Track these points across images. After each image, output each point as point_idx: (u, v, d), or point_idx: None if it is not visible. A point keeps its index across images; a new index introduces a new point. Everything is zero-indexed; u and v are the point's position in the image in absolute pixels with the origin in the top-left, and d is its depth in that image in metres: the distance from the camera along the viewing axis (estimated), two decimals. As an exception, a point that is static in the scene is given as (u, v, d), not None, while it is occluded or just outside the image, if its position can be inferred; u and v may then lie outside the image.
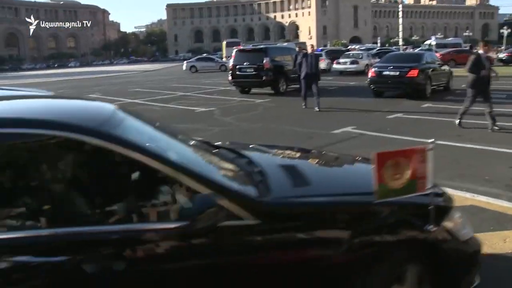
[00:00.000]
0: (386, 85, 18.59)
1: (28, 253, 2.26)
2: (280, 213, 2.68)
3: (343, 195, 3.08)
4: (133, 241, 2.41)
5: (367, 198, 2.87)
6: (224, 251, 2.53)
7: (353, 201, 3.03)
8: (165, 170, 2.51)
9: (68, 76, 49.56)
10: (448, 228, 3.13)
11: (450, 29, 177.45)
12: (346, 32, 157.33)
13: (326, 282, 2.69)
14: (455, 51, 43.61)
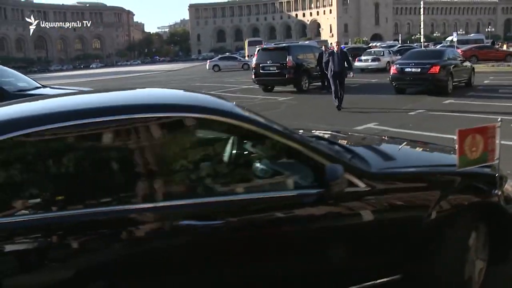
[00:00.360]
0: (408, 82, 18.83)
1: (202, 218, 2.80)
2: (384, 181, 3.26)
3: (427, 166, 3.87)
4: (286, 205, 2.99)
5: (447, 169, 3.66)
6: (347, 212, 3.15)
7: (437, 171, 3.75)
8: (294, 146, 3.06)
9: (93, 77, 50.44)
10: (506, 194, 3.77)
11: (472, 25, 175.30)
12: (367, 29, 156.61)
13: (423, 233, 3.30)
14: (477, 47, 43.34)
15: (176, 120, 2.95)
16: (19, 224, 2.49)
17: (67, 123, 2.65)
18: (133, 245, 2.66)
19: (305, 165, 3.10)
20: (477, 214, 3.60)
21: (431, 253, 3.33)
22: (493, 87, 19.73)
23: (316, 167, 3.01)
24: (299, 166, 3.11)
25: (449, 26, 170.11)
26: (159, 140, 2.84)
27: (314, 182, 3.03)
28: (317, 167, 3.01)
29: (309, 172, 3.08)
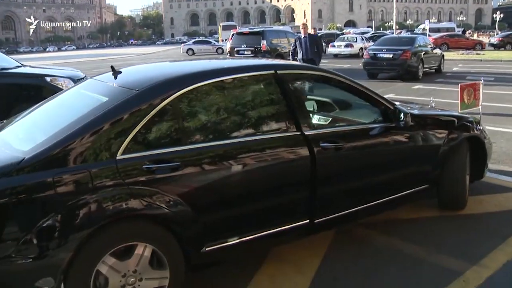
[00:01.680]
0: (380, 67, 19.29)
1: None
2: (420, 119, 4.74)
3: (439, 114, 5.41)
4: (379, 134, 4.44)
5: (448, 113, 5.50)
6: (406, 138, 4.58)
7: (446, 114, 5.42)
8: (371, 95, 4.52)
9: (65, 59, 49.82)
10: (482, 129, 5.43)
11: (444, 14, 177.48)
12: (341, 16, 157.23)
13: (441, 154, 4.81)
14: (448, 35, 44.23)
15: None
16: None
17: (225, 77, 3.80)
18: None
19: (379, 108, 4.50)
20: (467, 143, 5.05)
21: (447, 169, 4.84)
22: (461, 74, 20.29)
23: (386, 110, 4.46)
24: (375, 109, 4.54)
25: (422, 14, 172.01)
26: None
27: (384, 119, 4.47)
28: (386, 110, 4.46)
29: (381, 113, 4.49)
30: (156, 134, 3.32)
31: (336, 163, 4.05)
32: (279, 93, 3.94)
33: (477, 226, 4.83)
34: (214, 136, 3.56)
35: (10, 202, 2.78)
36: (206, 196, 3.43)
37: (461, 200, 5.10)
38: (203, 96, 3.65)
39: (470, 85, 6.49)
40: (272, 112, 3.94)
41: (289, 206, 3.88)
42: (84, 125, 3.08)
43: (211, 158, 3.43)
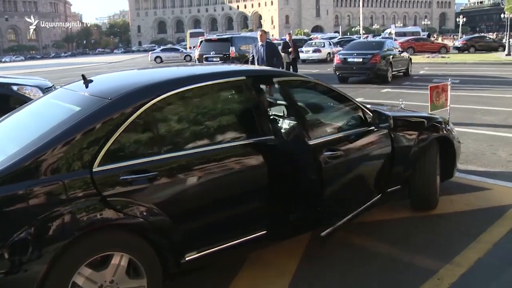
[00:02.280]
0: (350, 71, 19.68)
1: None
2: (396, 121, 4.78)
3: (410, 116, 5.57)
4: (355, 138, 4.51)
5: (418, 114, 5.69)
6: (387, 139, 4.73)
7: (416, 115, 5.60)
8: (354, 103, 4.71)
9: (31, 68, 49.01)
10: (451, 130, 5.61)
11: (409, 18, 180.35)
12: (308, 21, 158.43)
13: (410, 157, 4.92)
14: (413, 39, 44.99)
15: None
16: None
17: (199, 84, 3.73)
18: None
19: (356, 112, 4.68)
20: (437, 143, 5.17)
21: (418, 169, 4.96)
22: (428, 77, 20.69)
23: (363, 113, 4.65)
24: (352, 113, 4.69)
25: (387, 18, 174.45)
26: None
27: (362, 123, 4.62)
28: (363, 113, 4.65)
29: (359, 117, 4.66)
30: (132, 143, 3.29)
31: (332, 169, 4.12)
32: (250, 99, 3.98)
33: (448, 226, 4.93)
34: (191, 144, 3.55)
35: None
36: (184, 204, 3.42)
37: (432, 200, 5.20)
38: (178, 103, 3.65)
39: (439, 86, 6.62)
40: (246, 118, 3.93)
41: (273, 210, 3.91)
42: (57, 135, 3.03)
43: (187, 167, 3.43)
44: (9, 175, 2.81)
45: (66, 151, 2.99)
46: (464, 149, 7.03)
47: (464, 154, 6.82)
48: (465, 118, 10.61)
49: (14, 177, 2.82)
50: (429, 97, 6.52)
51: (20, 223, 2.79)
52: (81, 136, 3.06)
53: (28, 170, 2.87)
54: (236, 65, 10.33)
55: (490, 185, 6.08)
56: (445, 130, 5.44)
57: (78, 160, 3.01)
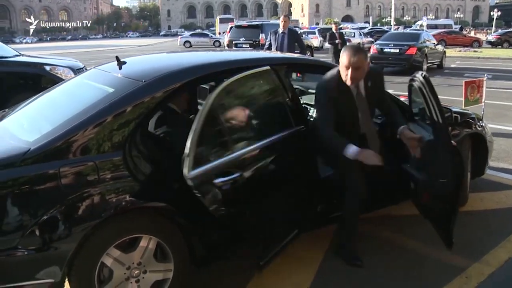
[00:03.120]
0: (386, 62, 19.68)
1: None
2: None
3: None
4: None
5: (453, 110, 5.01)
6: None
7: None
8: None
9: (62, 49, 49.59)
10: (484, 126, 5.46)
11: (441, 10, 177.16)
12: (338, 11, 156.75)
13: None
14: (445, 32, 44.22)
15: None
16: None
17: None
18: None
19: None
20: (469, 140, 5.01)
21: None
22: (460, 71, 20.35)
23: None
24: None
25: (419, 10, 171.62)
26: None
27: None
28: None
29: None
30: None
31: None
32: (280, 86, 3.83)
33: (478, 223, 4.84)
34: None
35: (15, 193, 2.76)
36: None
37: (462, 196, 5.10)
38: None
39: (474, 82, 6.47)
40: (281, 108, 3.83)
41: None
42: (90, 116, 3.05)
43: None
44: (41, 154, 2.84)
45: (98, 132, 3.00)
46: (496, 146, 6.87)
47: (496, 152, 6.67)
48: (498, 114, 10.39)
49: (46, 156, 2.85)
50: (463, 92, 6.38)
51: (51, 201, 2.82)
52: (113, 118, 3.07)
53: (60, 150, 2.89)
54: (266, 51, 10.02)
55: (522, 184, 5.94)
56: (478, 126, 5.30)
57: (109, 141, 3.03)
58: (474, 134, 5.15)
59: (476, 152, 5.23)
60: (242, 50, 20.50)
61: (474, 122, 5.24)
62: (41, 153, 2.84)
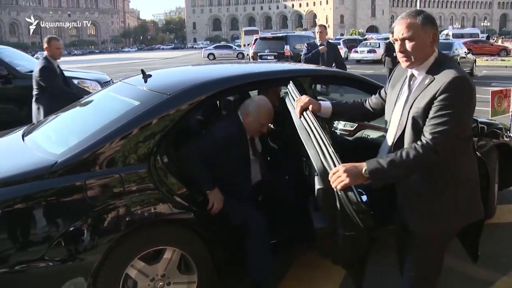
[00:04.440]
0: None
1: None
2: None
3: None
4: None
5: (479, 120, 4.88)
6: None
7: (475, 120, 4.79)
8: None
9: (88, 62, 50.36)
10: (511, 137, 5.33)
11: (468, 19, 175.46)
12: (363, 21, 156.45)
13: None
14: (472, 41, 43.62)
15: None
16: None
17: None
18: None
19: None
20: (496, 150, 4.91)
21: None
22: (486, 80, 20.08)
23: None
24: None
25: (445, 19, 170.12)
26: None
27: None
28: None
29: None
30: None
31: None
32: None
33: (506, 236, 4.75)
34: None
35: (42, 204, 2.82)
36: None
37: (490, 208, 5.01)
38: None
39: (501, 91, 6.33)
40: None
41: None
42: (115, 129, 3.11)
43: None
44: (68, 167, 2.89)
45: (123, 145, 3.05)
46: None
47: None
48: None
49: (73, 168, 2.90)
50: (490, 102, 6.25)
51: (77, 213, 2.87)
52: (139, 131, 3.12)
53: (86, 162, 2.95)
54: (290, 63, 10.01)
55: (552, 196, 5.82)
56: (506, 137, 5.22)
57: (135, 153, 3.07)
58: (501, 145, 5.07)
59: (503, 162, 5.14)
60: (267, 62, 20.61)
61: (501, 133, 5.15)
62: (68, 165, 2.90)
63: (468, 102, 2.37)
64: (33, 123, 4.32)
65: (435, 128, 2.30)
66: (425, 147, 2.29)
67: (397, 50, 2.49)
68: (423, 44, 2.43)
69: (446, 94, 2.31)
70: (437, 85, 2.34)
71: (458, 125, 2.31)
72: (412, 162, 2.29)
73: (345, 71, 5.23)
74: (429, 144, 2.28)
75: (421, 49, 2.44)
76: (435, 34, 2.46)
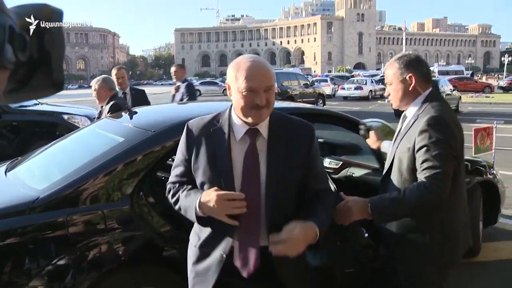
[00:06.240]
0: None
1: None
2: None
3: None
4: None
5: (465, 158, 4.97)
6: None
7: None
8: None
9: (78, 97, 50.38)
10: (495, 174, 5.38)
11: (453, 57, 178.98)
12: (350, 58, 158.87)
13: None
14: (457, 78, 44.39)
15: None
16: None
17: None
18: None
19: None
20: (480, 188, 4.95)
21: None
22: (471, 116, 20.31)
23: None
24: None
25: (430, 57, 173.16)
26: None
27: None
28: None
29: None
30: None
31: None
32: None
33: (491, 274, 4.75)
34: None
35: (23, 240, 2.78)
36: None
37: (474, 246, 5.01)
38: None
39: (483, 129, 6.47)
40: None
41: None
42: (99, 165, 3.08)
43: None
44: (50, 203, 2.86)
45: (107, 181, 3.02)
46: (510, 194, 6.80)
47: (509, 199, 6.60)
48: (511, 161, 10.31)
49: (55, 204, 2.87)
50: (473, 140, 6.35)
51: (58, 250, 2.82)
52: (123, 167, 3.10)
53: (69, 198, 2.91)
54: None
55: (537, 233, 5.84)
56: (489, 174, 5.27)
57: (118, 190, 3.05)
58: (485, 182, 5.11)
59: (487, 200, 5.17)
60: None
61: (484, 170, 5.20)
62: (50, 201, 2.86)
63: (446, 139, 2.43)
64: (17, 158, 4.29)
65: (429, 171, 2.38)
66: (424, 189, 2.36)
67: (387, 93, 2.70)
68: (402, 88, 2.57)
69: (424, 134, 2.40)
70: (418, 126, 2.45)
71: (447, 162, 2.40)
72: (412, 204, 2.39)
73: (322, 107, 5.31)
74: (429, 187, 2.36)
75: (400, 92, 2.59)
76: (412, 77, 2.57)
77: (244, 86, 2.08)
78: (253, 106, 2.10)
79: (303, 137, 2.26)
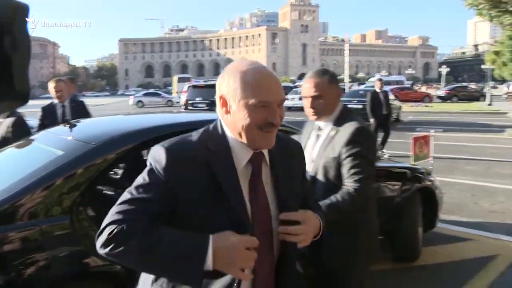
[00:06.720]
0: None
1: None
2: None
3: (395, 166, 5.49)
4: None
5: (403, 165, 5.62)
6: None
7: (398, 166, 5.48)
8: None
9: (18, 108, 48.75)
10: (433, 180, 5.59)
11: (394, 67, 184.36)
12: (295, 69, 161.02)
13: (393, 208, 4.92)
14: (398, 88, 45.64)
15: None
16: None
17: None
18: None
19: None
20: (419, 194, 5.17)
21: (400, 220, 4.94)
22: (412, 125, 20.94)
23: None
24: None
25: (372, 67, 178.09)
26: None
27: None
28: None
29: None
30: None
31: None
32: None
33: (431, 277, 4.90)
34: None
35: None
36: None
37: (415, 251, 5.17)
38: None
39: (422, 137, 6.82)
40: None
41: None
42: (37, 179, 2.99)
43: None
44: None
45: (45, 196, 2.94)
46: (447, 199, 7.06)
47: (447, 204, 6.84)
48: (448, 167, 10.70)
49: None
50: (412, 148, 6.63)
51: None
52: (62, 181, 3.03)
53: (5, 214, 2.81)
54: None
55: (473, 236, 6.09)
56: (428, 180, 5.46)
57: (57, 205, 2.97)
58: (424, 189, 5.29)
59: (426, 205, 5.35)
60: (198, 110, 20.68)
61: (423, 177, 5.38)
62: None
63: (372, 147, 2.76)
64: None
65: (357, 176, 2.62)
66: (354, 192, 2.60)
67: (306, 106, 2.86)
68: (330, 100, 2.81)
69: (352, 144, 2.64)
70: (343, 136, 2.68)
71: (371, 168, 2.70)
72: (347, 206, 2.59)
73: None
74: (358, 189, 2.60)
75: (328, 105, 2.81)
76: (339, 90, 2.89)
77: (256, 100, 1.66)
78: (265, 125, 1.68)
79: (297, 155, 1.99)
